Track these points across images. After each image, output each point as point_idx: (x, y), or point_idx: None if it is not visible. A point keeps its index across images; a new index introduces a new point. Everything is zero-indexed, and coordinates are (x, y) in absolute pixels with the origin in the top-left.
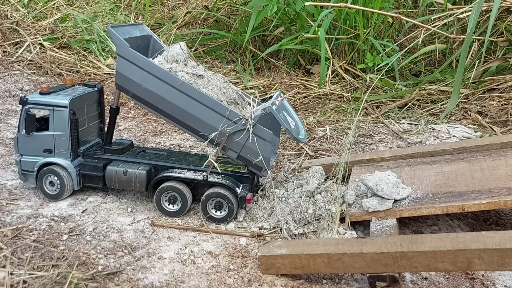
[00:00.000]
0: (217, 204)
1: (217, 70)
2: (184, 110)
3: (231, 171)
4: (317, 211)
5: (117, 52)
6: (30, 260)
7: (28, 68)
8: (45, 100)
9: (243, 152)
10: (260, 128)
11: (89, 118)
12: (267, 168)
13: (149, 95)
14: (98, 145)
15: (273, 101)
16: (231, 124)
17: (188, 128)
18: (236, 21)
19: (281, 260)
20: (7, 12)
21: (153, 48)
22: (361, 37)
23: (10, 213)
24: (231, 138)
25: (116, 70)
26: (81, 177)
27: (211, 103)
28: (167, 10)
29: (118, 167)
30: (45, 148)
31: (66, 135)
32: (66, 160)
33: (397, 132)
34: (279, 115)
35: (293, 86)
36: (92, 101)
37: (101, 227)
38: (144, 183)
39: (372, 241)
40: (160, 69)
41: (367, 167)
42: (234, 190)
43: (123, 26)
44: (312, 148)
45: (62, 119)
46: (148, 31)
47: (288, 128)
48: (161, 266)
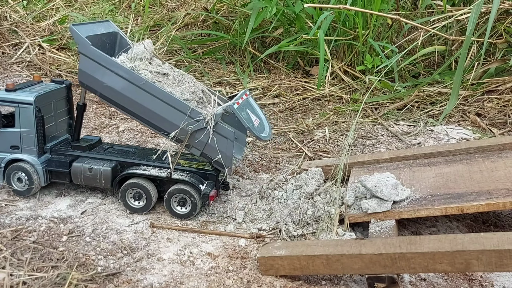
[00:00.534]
0: (181, 200)
1: (216, 71)
2: (147, 108)
3: (196, 168)
4: (316, 212)
5: (79, 50)
6: (30, 261)
7: (27, 70)
8: (10, 97)
9: (206, 149)
10: (222, 126)
11: (56, 114)
12: (230, 165)
13: (112, 93)
14: (66, 141)
15: (235, 99)
16: (193, 123)
17: (153, 126)
18: (235, 22)
19: (280, 261)
20: (6, 13)
21: (119, 45)
22: (360, 39)
23: (10, 214)
24: (193, 136)
25: (79, 67)
26: (48, 174)
27: (173, 101)
28: (167, 12)
29: (84, 163)
30: (12, 145)
31: (32, 131)
32: (33, 156)
33: (396, 134)
34: (241, 114)
35: (292, 88)
36: (60, 98)
37: (101, 228)
38: (109, 179)
39: (371, 242)
40: (121, 66)
41: (366, 169)
42: (198, 187)
43: (87, 24)
44: (311, 149)
45: (27, 116)
46: (114, 28)
47: (249, 126)
48: (161, 267)
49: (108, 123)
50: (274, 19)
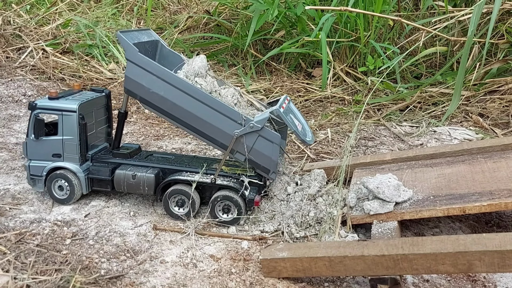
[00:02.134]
0: (225, 207)
1: (218, 74)
2: (192, 114)
3: (239, 173)
4: (319, 214)
5: (126, 57)
6: (34, 265)
7: (31, 74)
8: (54, 105)
9: (251, 155)
10: (268, 130)
11: (97, 122)
12: (275, 170)
13: (157, 99)
14: (106, 149)
15: (280, 103)
16: (239, 127)
17: (197, 131)
18: (237, 25)
19: (282, 263)
20: (9, 18)
21: (160, 52)
22: (362, 40)
23: (14, 217)
24: (238, 141)
25: (125, 74)
26: (90, 181)
27: (219, 107)
28: (169, 15)
29: (127, 170)
30: (54, 153)
31: (74, 139)
32: (75, 164)
33: (398, 135)
34: (286, 118)
35: (294, 89)
36: (100, 106)
37: (104, 231)
38: (153, 186)
39: (373, 244)
40: (169, 73)
41: (368, 170)
42: (242, 193)
43: (131, 31)
44: (314, 151)
45: (70, 124)
46: (155, 36)
47: (296, 130)
48: (164, 269)
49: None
50: (275, 21)
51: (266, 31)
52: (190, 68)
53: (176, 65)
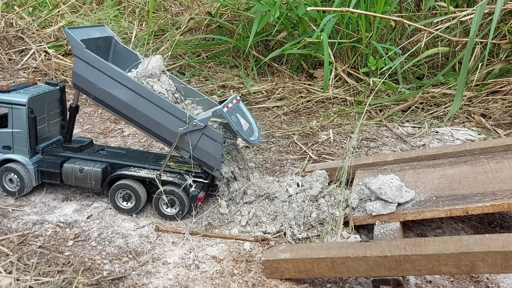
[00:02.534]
0: (169, 201)
1: (220, 75)
2: (138, 110)
3: (185, 170)
4: (321, 215)
5: (73, 53)
6: (36, 266)
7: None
8: (4, 98)
9: (195, 152)
10: (211, 129)
11: (49, 116)
12: (218, 167)
13: (104, 95)
14: (58, 142)
15: (225, 104)
16: (183, 125)
17: (144, 128)
18: (239, 26)
19: (285, 264)
20: (12, 20)
21: (114, 49)
22: (363, 41)
23: (16, 219)
24: (182, 138)
25: (73, 70)
26: (40, 174)
27: (163, 104)
28: (171, 17)
29: (75, 164)
30: (4, 145)
31: (24, 132)
32: (25, 156)
33: (401, 136)
34: (230, 118)
35: (296, 91)
36: (53, 99)
37: (106, 232)
38: (100, 180)
39: (375, 245)
40: (113, 69)
41: (370, 171)
42: (186, 189)
43: (82, 28)
44: (316, 152)
45: (20, 117)
46: (109, 32)
47: (237, 130)
48: (166, 271)
49: (113, 127)
50: (277, 22)
51: (268, 33)
52: (144, 68)
53: (131, 62)
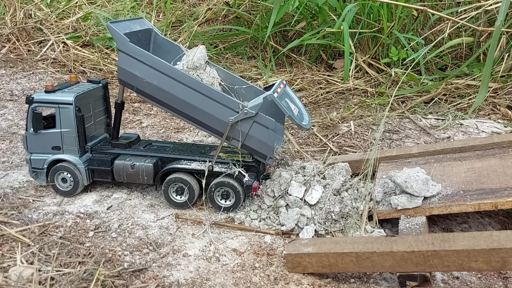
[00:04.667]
0: (224, 193)
1: (237, 66)
2: (187, 102)
3: (236, 160)
4: (344, 209)
5: (117, 47)
6: (57, 257)
7: (52, 67)
8: (50, 98)
9: (247, 141)
10: (262, 116)
11: (95, 114)
12: (271, 155)
13: (151, 88)
14: (106, 140)
15: (274, 89)
16: (233, 114)
17: (193, 120)
18: (257, 17)
19: (307, 258)
20: (31, 11)
21: (154, 41)
22: (385, 31)
23: (37, 210)
24: (233, 128)
25: (118, 65)
26: (90, 172)
27: (211, 93)
28: (188, 8)
29: (126, 160)
30: (54, 146)
31: (73, 131)
32: (75, 156)
33: (424, 128)
34: (281, 102)
35: (315, 81)
36: (97, 97)
37: (126, 223)
38: (152, 175)
39: (402, 240)
40: (160, 61)
41: (394, 164)
42: (240, 179)
43: (123, 21)
44: (336, 144)
45: (68, 116)
46: (148, 24)
47: (290, 115)
48: (186, 263)
49: (132, 118)
50: (296, 12)
51: (286, 23)
52: (190, 59)
53: (171, 53)
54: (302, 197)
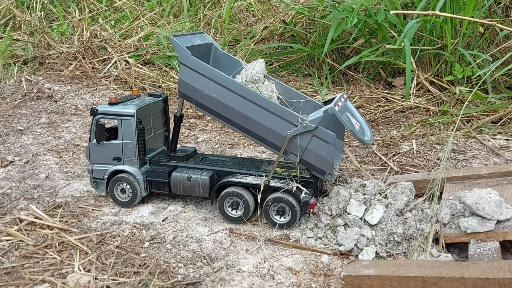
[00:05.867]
0: (279, 209)
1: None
2: (245, 115)
3: (293, 175)
4: (407, 230)
5: (179, 60)
6: (113, 266)
7: (114, 83)
8: (113, 110)
9: (305, 155)
10: (322, 130)
11: (154, 126)
12: (331, 171)
13: (210, 101)
14: (164, 152)
15: (335, 102)
16: (292, 127)
17: (250, 133)
18: (314, 34)
19: (368, 281)
20: (96, 31)
21: (214, 55)
22: (449, 48)
23: (95, 219)
24: (292, 142)
25: (179, 78)
26: (148, 184)
27: (270, 106)
28: (244, 27)
29: (183, 173)
30: (115, 156)
31: (133, 143)
32: (134, 167)
33: (493, 148)
34: (342, 116)
35: (373, 99)
36: (157, 110)
37: (181, 236)
38: (208, 188)
39: (474, 265)
40: (220, 74)
41: (461, 185)
42: (297, 195)
43: (185, 35)
44: (397, 163)
45: (129, 128)
46: (209, 39)
47: (352, 129)
48: (240, 279)
49: (188, 134)
50: (354, 29)
51: (344, 40)
52: (249, 73)
53: (230, 67)
54: (362, 216)
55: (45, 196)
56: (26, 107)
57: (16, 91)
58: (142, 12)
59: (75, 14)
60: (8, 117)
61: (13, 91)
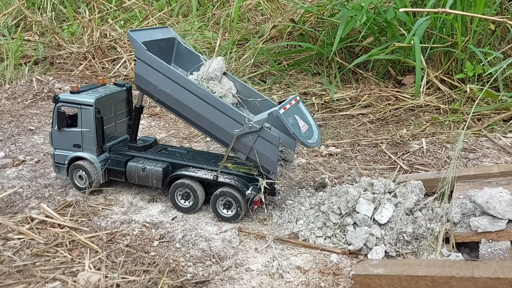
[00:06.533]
0: (226, 203)
1: (302, 82)
2: (196, 112)
3: (242, 172)
4: (417, 230)
5: (135, 55)
6: (123, 264)
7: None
8: (73, 98)
9: (251, 154)
10: (267, 131)
11: (116, 115)
12: (274, 170)
13: (164, 96)
14: (126, 141)
15: (283, 105)
16: (239, 127)
17: (201, 129)
18: (322, 33)
19: (378, 280)
20: (106, 31)
21: (177, 50)
22: (459, 46)
23: (105, 217)
24: (239, 140)
25: (135, 72)
26: (106, 172)
27: (220, 106)
28: (253, 26)
29: (138, 163)
30: (74, 143)
31: (92, 131)
32: (93, 155)
33: (504, 147)
34: (287, 119)
35: (383, 98)
36: (120, 100)
37: (190, 235)
38: (161, 179)
39: (485, 265)
40: (172, 70)
41: (472, 184)
42: (242, 191)
43: (145, 30)
44: (407, 162)
45: (88, 117)
46: (172, 33)
47: (294, 132)
48: (249, 278)
49: (197, 133)
50: (363, 27)
51: (353, 38)
52: (205, 71)
53: (193, 63)
54: (371, 215)
55: (56, 195)
56: (37, 107)
57: (27, 91)
58: (151, 12)
59: (85, 15)
60: (19, 117)
61: (24, 91)
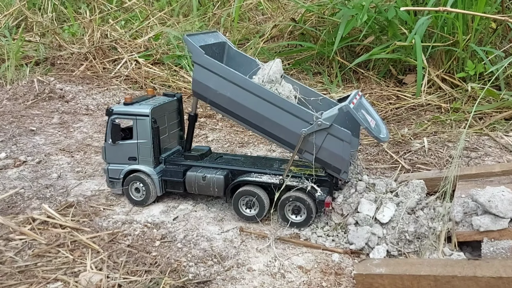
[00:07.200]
0: (295, 208)
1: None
2: (260, 114)
3: (309, 174)
4: (419, 229)
5: (193, 60)
6: (125, 265)
7: (124, 83)
8: (128, 110)
9: (320, 154)
10: (337, 128)
11: (169, 126)
12: (346, 169)
13: (225, 100)
14: (179, 152)
15: (350, 100)
16: (306, 125)
17: (265, 132)
18: (324, 32)
19: (380, 280)
20: (107, 31)
21: (227, 54)
22: (460, 44)
23: (107, 218)
24: (306, 140)
25: (193, 77)
26: (163, 183)
27: (285, 105)
28: (254, 26)
29: (197, 172)
30: (130, 156)
31: (148, 142)
32: (149, 167)
33: (506, 146)
34: (357, 114)
35: (384, 97)
36: (172, 110)
37: (191, 235)
38: (222, 187)
39: (487, 264)
40: (236, 74)
41: (474, 182)
42: (312, 194)
43: (198, 34)
44: (408, 161)
45: (144, 128)
46: (222, 38)
47: (367, 127)
48: (251, 278)
49: (198, 133)
50: (364, 27)
51: (354, 37)
52: (266, 73)
53: (244, 66)
54: (372, 215)
55: (57, 196)
56: (38, 108)
57: (28, 92)
58: (152, 12)
59: (85, 15)
60: (20, 118)
61: (25, 91)
